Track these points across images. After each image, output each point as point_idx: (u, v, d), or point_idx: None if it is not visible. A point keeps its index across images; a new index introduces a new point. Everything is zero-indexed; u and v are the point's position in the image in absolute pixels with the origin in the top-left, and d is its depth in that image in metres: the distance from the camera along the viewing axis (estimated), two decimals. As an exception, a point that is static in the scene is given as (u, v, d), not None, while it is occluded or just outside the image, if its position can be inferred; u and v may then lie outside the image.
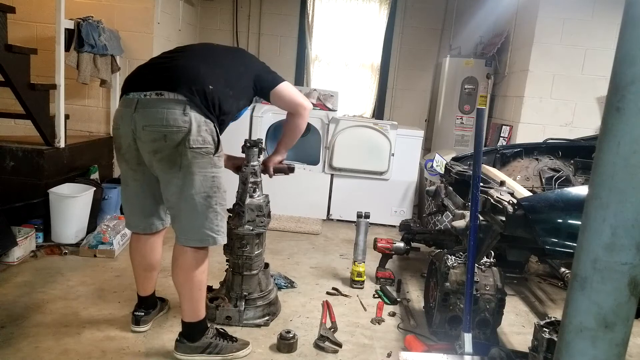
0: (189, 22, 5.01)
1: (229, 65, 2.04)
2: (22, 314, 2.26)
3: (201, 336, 1.99)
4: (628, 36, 1.03)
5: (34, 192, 3.12)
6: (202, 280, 1.97)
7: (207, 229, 1.90)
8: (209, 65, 1.95)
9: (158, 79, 1.86)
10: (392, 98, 5.44)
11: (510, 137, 4.38)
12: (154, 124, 1.79)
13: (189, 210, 1.87)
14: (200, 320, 2.00)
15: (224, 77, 1.95)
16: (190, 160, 1.81)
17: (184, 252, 1.93)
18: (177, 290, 1.99)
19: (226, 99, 1.92)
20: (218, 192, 1.90)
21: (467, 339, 1.96)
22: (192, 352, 1.98)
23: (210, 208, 1.89)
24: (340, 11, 5.26)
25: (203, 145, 1.82)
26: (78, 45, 3.49)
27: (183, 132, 1.78)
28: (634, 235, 1.06)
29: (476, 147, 2.00)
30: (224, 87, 1.92)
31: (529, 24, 4.28)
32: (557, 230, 1.92)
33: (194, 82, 1.83)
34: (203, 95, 1.82)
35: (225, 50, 2.18)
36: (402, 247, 3.12)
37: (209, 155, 1.85)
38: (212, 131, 1.85)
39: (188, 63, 1.93)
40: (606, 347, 1.11)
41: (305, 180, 4.39)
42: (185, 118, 1.78)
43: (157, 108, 1.79)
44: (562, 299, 2.43)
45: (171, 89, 1.81)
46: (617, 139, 1.05)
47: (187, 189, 1.84)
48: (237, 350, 2.04)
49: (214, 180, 1.88)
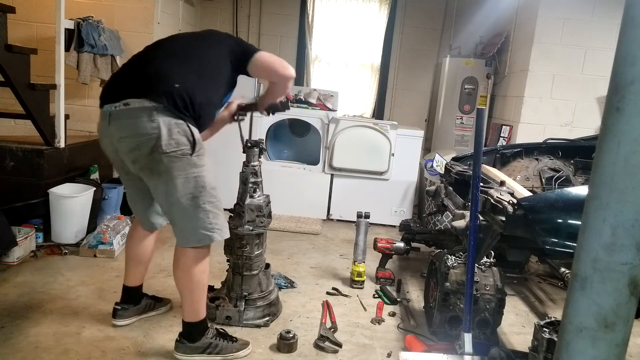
0: (189, 22, 5.01)
1: (198, 54, 1.97)
2: (22, 314, 2.26)
3: (201, 336, 1.99)
4: (628, 36, 1.04)
5: (34, 192, 3.11)
6: (203, 281, 1.97)
7: (201, 229, 1.88)
8: (174, 61, 1.91)
9: (125, 87, 1.84)
10: (392, 98, 5.44)
11: (510, 137, 4.38)
12: (126, 135, 1.80)
13: (179, 213, 1.87)
14: (200, 320, 2.00)
15: (194, 69, 1.91)
16: (168, 165, 1.79)
17: (183, 253, 1.93)
18: (178, 291, 2.00)
19: (201, 91, 1.88)
20: (204, 191, 1.86)
21: (467, 339, 1.96)
22: (192, 353, 1.98)
23: (199, 208, 1.86)
24: (340, 11, 5.26)
25: (177, 148, 1.78)
26: (78, 45, 3.49)
27: (153, 138, 1.75)
28: (634, 235, 1.06)
29: (476, 147, 2.00)
30: (195, 80, 1.87)
31: (529, 24, 4.28)
32: (557, 230, 1.92)
33: (159, 84, 1.79)
34: (170, 96, 1.77)
35: (192, 39, 2.10)
36: (402, 247, 3.12)
37: (187, 157, 1.81)
38: (185, 132, 1.80)
39: (153, 65, 1.90)
40: (606, 347, 1.11)
41: (305, 180, 4.39)
42: (153, 124, 1.75)
43: (126, 119, 1.79)
44: (562, 299, 2.43)
45: (137, 95, 1.78)
46: (617, 139, 1.05)
47: (172, 194, 1.83)
48: (237, 351, 2.04)
49: (197, 181, 1.85)
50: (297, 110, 4.41)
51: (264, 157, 2.40)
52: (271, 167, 4.30)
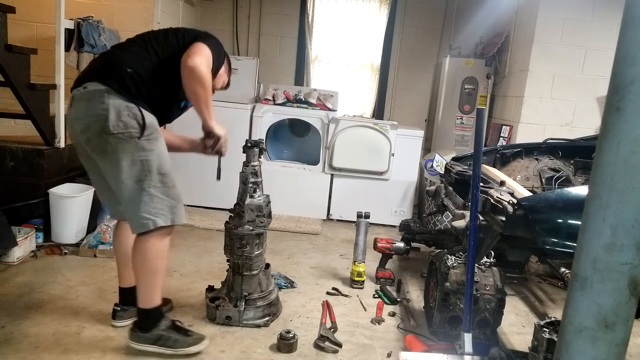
0: (189, 22, 5.01)
1: (159, 44, 1.99)
2: (22, 314, 2.26)
3: (153, 326, 1.99)
4: (628, 36, 1.04)
5: (34, 192, 3.11)
6: (157, 267, 1.97)
7: (144, 212, 1.89)
8: (133, 49, 1.96)
9: (87, 72, 1.95)
10: (392, 98, 5.45)
11: (510, 137, 4.38)
12: (79, 116, 1.87)
13: (124, 196, 1.90)
14: (154, 307, 2.00)
15: (151, 57, 1.94)
16: (114, 146, 1.83)
17: (139, 239, 1.95)
18: (134, 275, 2.01)
19: (156, 79, 1.92)
20: (150, 175, 1.88)
21: (467, 339, 1.96)
22: (144, 342, 1.99)
23: (144, 191, 1.88)
24: (340, 11, 5.26)
25: (125, 129, 1.82)
26: (78, 45, 3.49)
27: (102, 119, 1.81)
28: (634, 235, 1.06)
29: (476, 147, 2.00)
30: (151, 67, 1.92)
31: (529, 24, 4.28)
32: (557, 230, 1.92)
33: (112, 68, 1.87)
34: (121, 79, 1.84)
35: (161, 32, 2.09)
36: (402, 247, 3.12)
37: (134, 140, 1.84)
38: (135, 115, 1.84)
39: (113, 52, 2.02)
40: (606, 347, 1.11)
41: (305, 180, 4.39)
42: (104, 106, 1.81)
43: (82, 101, 1.87)
44: (562, 299, 2.43)
45: (93, 79, 1.86)
46: (617, 139, 1.05)
47: (118, 175, 1.87)
48: (189, 345, 2.02)
49: (143, 164, 1.87)
50: (297, 110, 4.41)
51: (264, 157, 2.39)
52: (271, 167, 4.30)
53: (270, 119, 4.38)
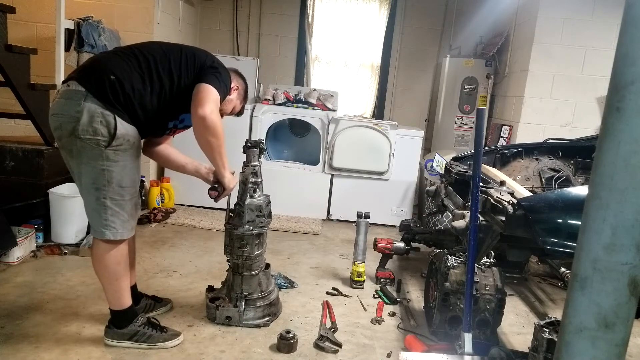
0: (189, 22, 5.01)
1: (154, 58, 1.95)
2: (22, 314, 2.26)
3: (128, 323, 2.02)
4: (628, 36, 1.03)
5: (34, 192, 3.12)
6: (117, 271, 1.97)
7: (96, 222, 1.92)
8: (124, 58, 1.93)
9: (75, 71, 1.95)
10: (392, 98, 5.44)
11: (510, 137, 4.38)
12: (55, 113, 1.87)
13: (85, 200, 1.93)
14: (124, 309, 2.03)
15: (141, 70, 1.91)
16: (80, 150, 1.84)
17: (96, 243, 1.96)
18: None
19: (141, 91, 1.89)
20: (108, 187, 1.87)
21: (467, 339, 1.96)
22: (119, 339, 2.02)
23: (99, 201, 1.89)
24: (340, 11, 5.26)
25: (93, 136, 1.81)
26: (78, 45, 3.49)
27: (74, 121, 1.81)
28: (634, 235, 1.06)
29: (476, 147, 2.00)
30: (137, 79, 1.88)
31: (529, 24, 4.28)
32: (557, 230, 1.92)
33: (97, 72, 1.86)
34: (101, 85, 1.82)
35: (160, 46, 2.06)
36: (402, 247, 3.12)
37: (100, 148, 1.83)
38: (108, 123, 1.82)
39: (103, 57, 2.01)
40: (606, 347, 1.11)
41: (305, 180, 4.39)
42: (79, 108, 1.80)
43: (62, 98, 1.86)
44: (562, 299, 2.43)
45: (76, 79, 1.86)
46: (617, 139, 1.05)
47: (80, 177, 1.90)
48: (165, 341, 2.06)
49: (103, 174, 1.86)
50: (297, 110, 4.41)
51: (264, 157, 2.39)
52: (271, 167, 4.30)
53: (270, 119, 4.38)
